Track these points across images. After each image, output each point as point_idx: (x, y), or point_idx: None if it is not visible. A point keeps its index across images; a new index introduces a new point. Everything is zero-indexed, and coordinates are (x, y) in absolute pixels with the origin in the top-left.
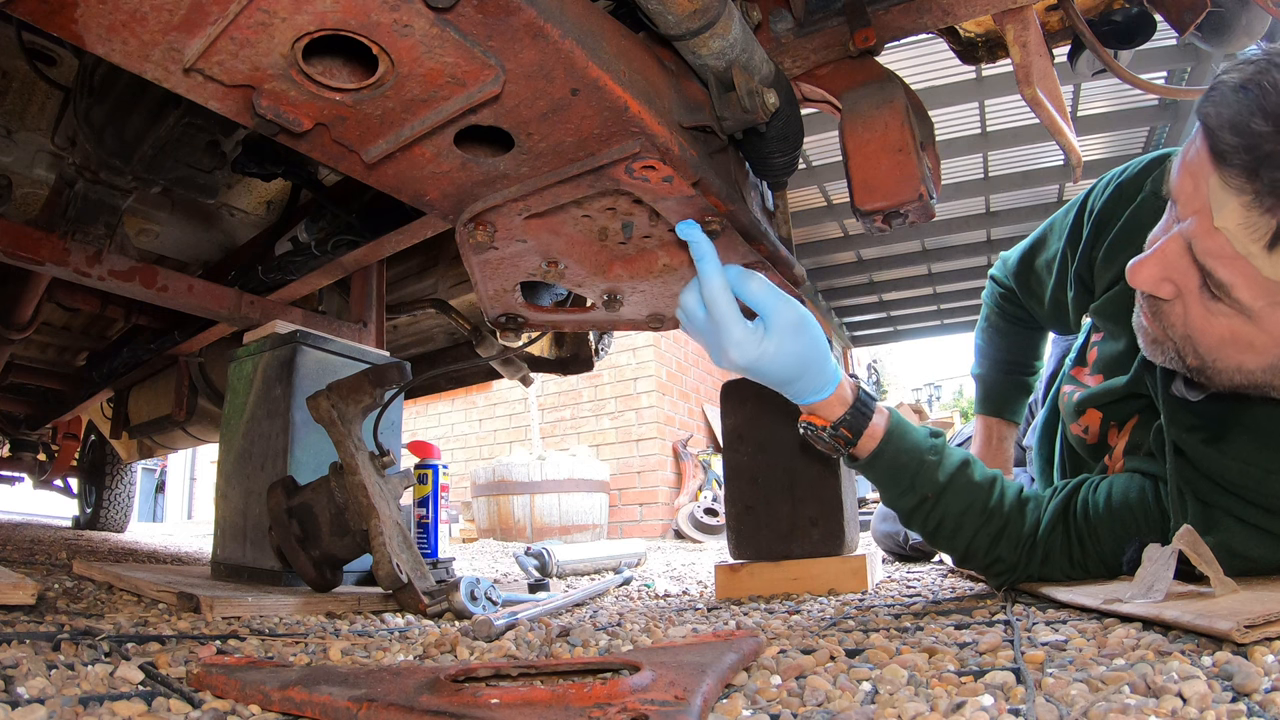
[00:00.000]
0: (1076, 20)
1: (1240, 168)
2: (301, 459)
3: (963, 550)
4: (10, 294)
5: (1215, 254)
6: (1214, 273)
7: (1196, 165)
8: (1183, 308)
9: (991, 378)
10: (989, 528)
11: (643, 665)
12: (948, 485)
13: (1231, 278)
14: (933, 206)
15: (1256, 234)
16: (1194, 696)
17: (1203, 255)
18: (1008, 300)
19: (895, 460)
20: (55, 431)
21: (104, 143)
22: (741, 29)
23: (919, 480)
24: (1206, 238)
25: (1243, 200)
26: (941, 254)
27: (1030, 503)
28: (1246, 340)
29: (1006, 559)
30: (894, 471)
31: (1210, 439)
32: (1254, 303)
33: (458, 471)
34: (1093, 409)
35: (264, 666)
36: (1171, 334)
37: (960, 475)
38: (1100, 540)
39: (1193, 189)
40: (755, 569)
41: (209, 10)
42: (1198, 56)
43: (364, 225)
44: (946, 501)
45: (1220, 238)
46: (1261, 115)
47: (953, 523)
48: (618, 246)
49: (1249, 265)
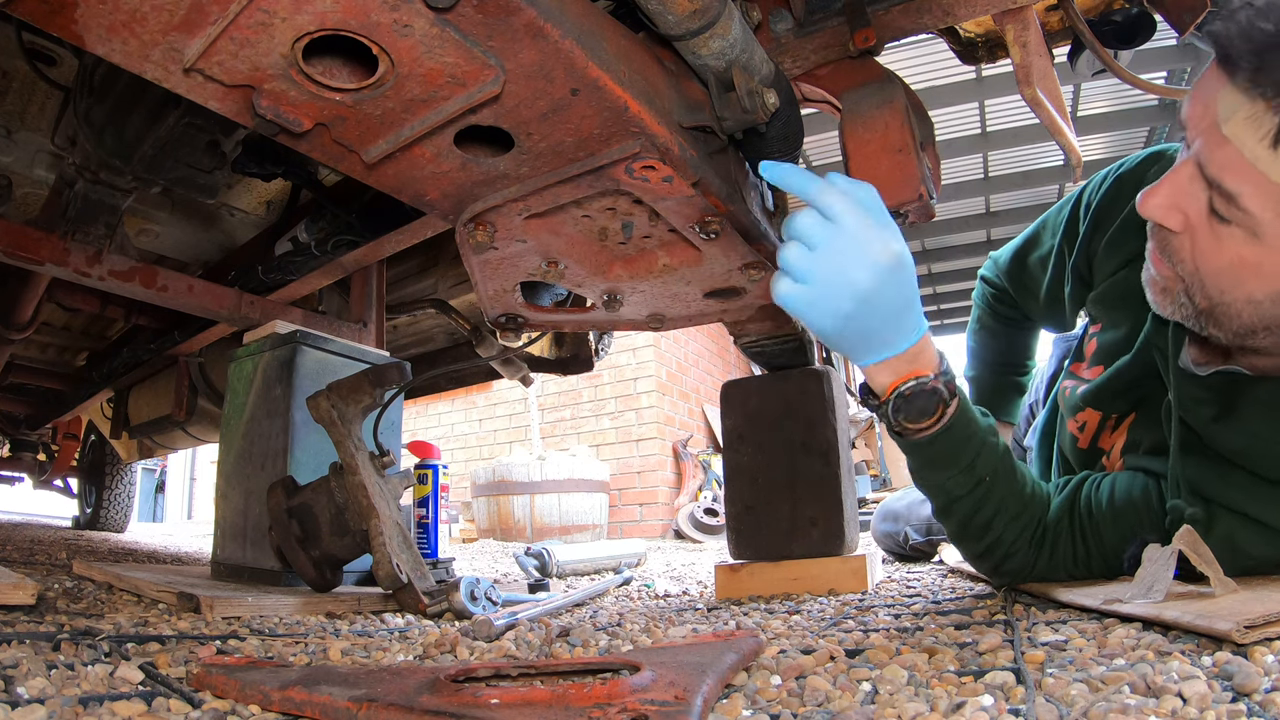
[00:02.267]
0: (1076, 20)
1: (1246, 69)
2: (301, 459)
3: (992, 542)
4: (10, 294)
5: (1225, 164)
6: (1223, 183)
7: (1205, 85)
8: (1190, 240)
9: (985, 378)
10: (1021, 519)
11: (643, 665)
12: (1000, 469)
13: (1239, 185)
14: (933, 206)
15: (1262, 131)
16: (1194, 696)
17: (1213, 169)
18: (999, 300)
19: (965, 432)
20: (55, 431)
21: (104, 143)
22: (741, 29)
23: (980, 460)
24: (1215, 149)
25: (1248, 100)
26: (941, 254)
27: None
28: (1254, 264)
29: (1023, 554)
30: (960, 445)
31: (1219, 415)
32: (1262, 211)
33: (458, 471)
34: (1091, 408)
35: (264, 666)
36: (1181, 270)
37: (1008, 459)
38: (1103, 537)
39: (1201, 110)
40: (755, 569)
41: (209, 10)
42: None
43: (364, 225)
44: (1000, 486)
45: (1229, 147)
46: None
47: (994, 510)
48: (618, 246)
49: (1256, 171)
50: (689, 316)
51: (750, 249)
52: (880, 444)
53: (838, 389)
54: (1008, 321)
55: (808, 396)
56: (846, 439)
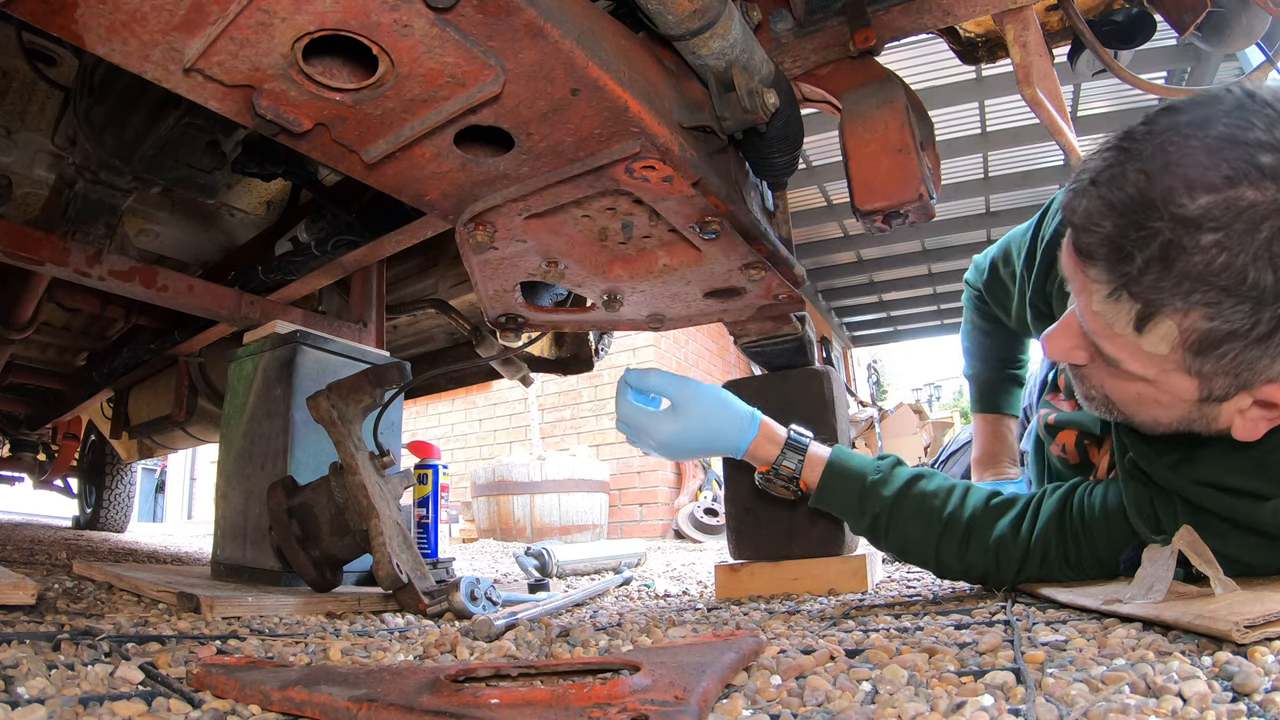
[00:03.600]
0: (1076, 20)
1: (1099, 260)
2: (301, 459)
3: (934, 561)
4: (10, 294)
5: (1099, 333)
6: (1102, 349)
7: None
8: (1098, 370)
9: (983, 375)
10: (951, 535)
11: (643, 665)
12: (896, 500)
13: (1117, 353)
14: (933, 206)
15: (1123, 320)
16: (1194, 696)
17: (1090, 334)
18: (983, 302)
19: (842, 486)
20: (55, 431)
21: (104, 143)
22: (741, 29)
23: (867, 501)
24: (1090, 318)
25: (1107, 290)
26: (941, 254)
27: (1006, 505)
28: (1153, 399)
29: (980, 564)
30: (844, 498)
31: (1178, 462)
32: (1145, 372)
33: (458, 471)
34: (1068, 429)
35: (264, 666)
36: (1095, 394)
37: (909, 489)
38: (1095, 542)
39: (1073, 270)
40: (755, 569)
41: (209, 10)
42: (1198, 56)
43: (364, 225)
44: (899, 516)
45: (1100, 319)
46: (1109, 210)
47: (913, 536)
48: (618, 246)
49: (1129, 342)
50: (689, 316)
51: (750, 249)
52: (880, 445)
53: (838, 389)
54: (996, 321)
55: (808, 396)
56: (847, 439)
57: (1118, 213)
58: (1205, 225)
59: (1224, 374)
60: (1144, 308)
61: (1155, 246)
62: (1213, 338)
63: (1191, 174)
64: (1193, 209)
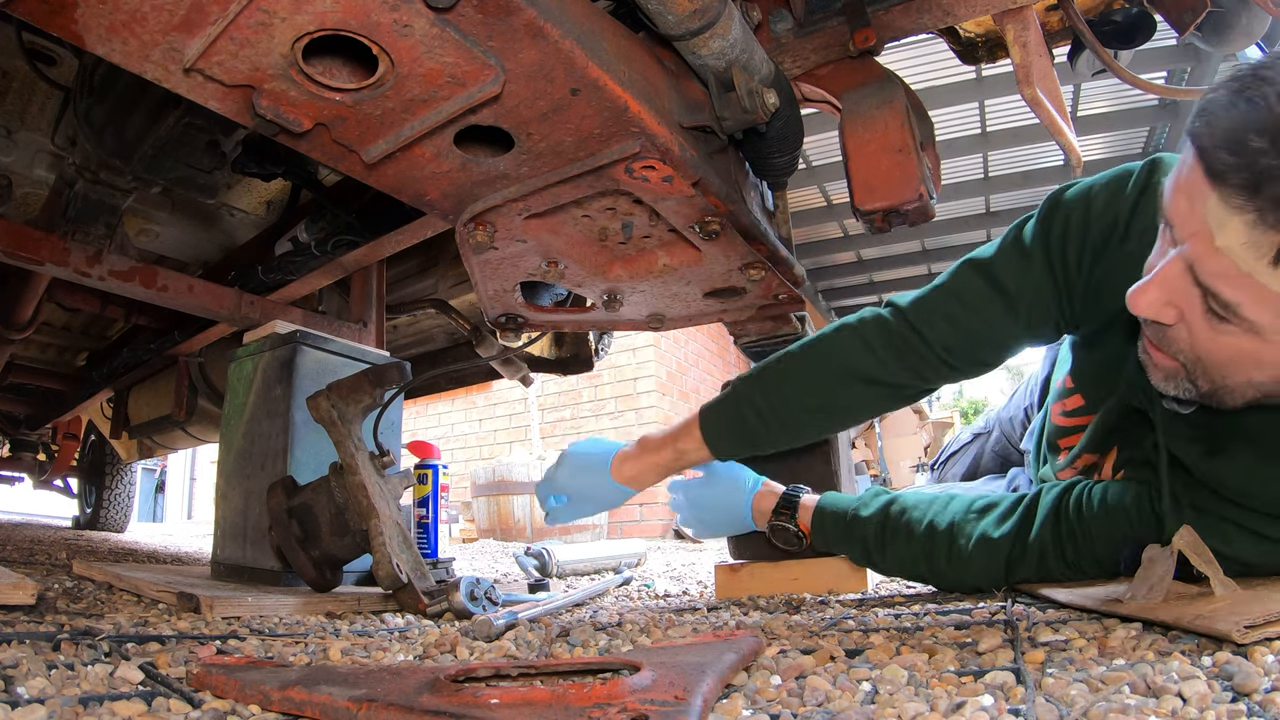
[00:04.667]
0: (1076, 20)
1: (1239, 186)
2: (301, 459)
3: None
4: (10, 294)
5: (1219, 274)
6: (1220, 293)
7: (1191, 185)
8: (1188, 331)
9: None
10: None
11: (643, 665)
12: (878, 521)
13: (1238, 296)
14: (933, 206)
15: (1260, 251)
16: (1194, 696)
17: (1206, 276)
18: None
19: (834, 522)
20: (55, 431)
21: (104, 143)
22: (741, 29)
23: (854, 530)
24: (1209, 259)
25: (1245, 219)
26: (941, 254)
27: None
28: (1255, 357)
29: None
30: (838, 532)
31: (1210, 451)
32: (1262, 319)
33: (458, 471)
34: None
35: (264, 666)
36: (1182, 358)
37: (888, 508)
38: (1093, 540)
39: (1189, 210)
40: (755, 569)
41: (209, 10)
42: (1198, 56)
43: (364, 225)
44: (885, 537)
45: (1223, 258)
46: (1256, 131)
47: (903, 553)
48: (618, 246)
49: (1255, 282)
50: (689, 316)
51: (750, 249)
52: (880, 444)
53: None
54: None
55: None
56: (846, 439)
57: (1269, 133)
58: None
59: None
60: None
61: None
62: None
63: None
64: None
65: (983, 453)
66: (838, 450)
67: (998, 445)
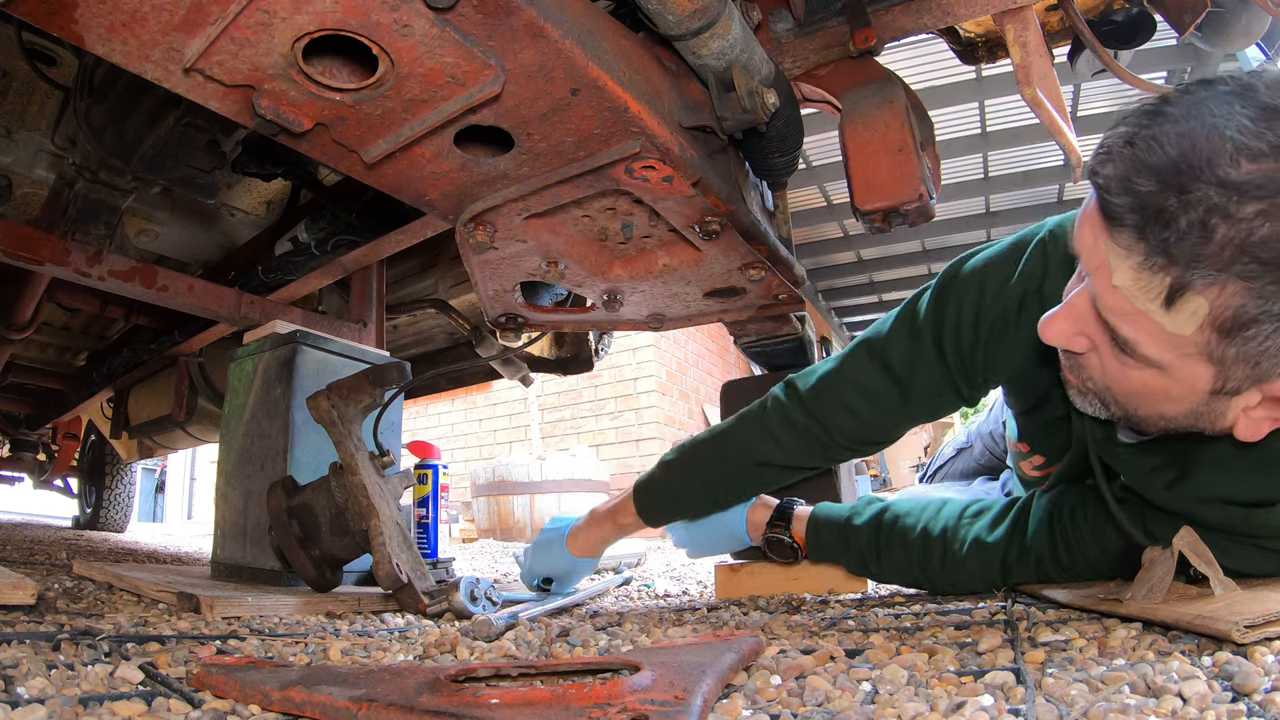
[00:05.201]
0: (1076, 20)
1: (1131, 227)
2: (301, 459)
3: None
4: (10, 294)
5: (1117, 311)
6: (1118, 330)
7: (1094, 221)
8: (1099, 359)
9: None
10: (931, 550)
11: (643, 665)
12: (872, 529)
13: (1135, 334)
14: (932, 206)
15: (1151, 293)
16: (1194, 696)
17: (1106, 312)
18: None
19: (828, 532)
20: (55, 431)
21: (104, 143)
22: (741, 29)
23: (849, 539)
24: (1108, 295)
25: (1134, 261)
26: (941, 254)
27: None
28: (1162, 391)
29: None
30: (832, 543)
31: (1175, 479)
32: (1161, 357)
33: (458, 471)
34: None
35: (264, 666)
36: (1092, 385)
37: (881, 516)
38: (1085, 545)
39: (1092, 244)
40: (755, 569)
41: (209, 10)
42: (1198, 56)
43: (364, 225)
44: (879, 545)
45: (1119, 295)
46: (1147, 172)
47: (898, 560)
48: (618, 246)
49: (1150, 321)
50: (689, 316)
51: (750, 249)
52: None
53: None
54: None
55: None
56: None
57: (1157, 175)
58: (1250, 193)
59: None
60: (1176, 279)
61: (1198, 211)
62: (1243, 317)
63: (1238, 140)
64: (1238, 175)
65: (969, 467)
66: None
67: (982, 458)
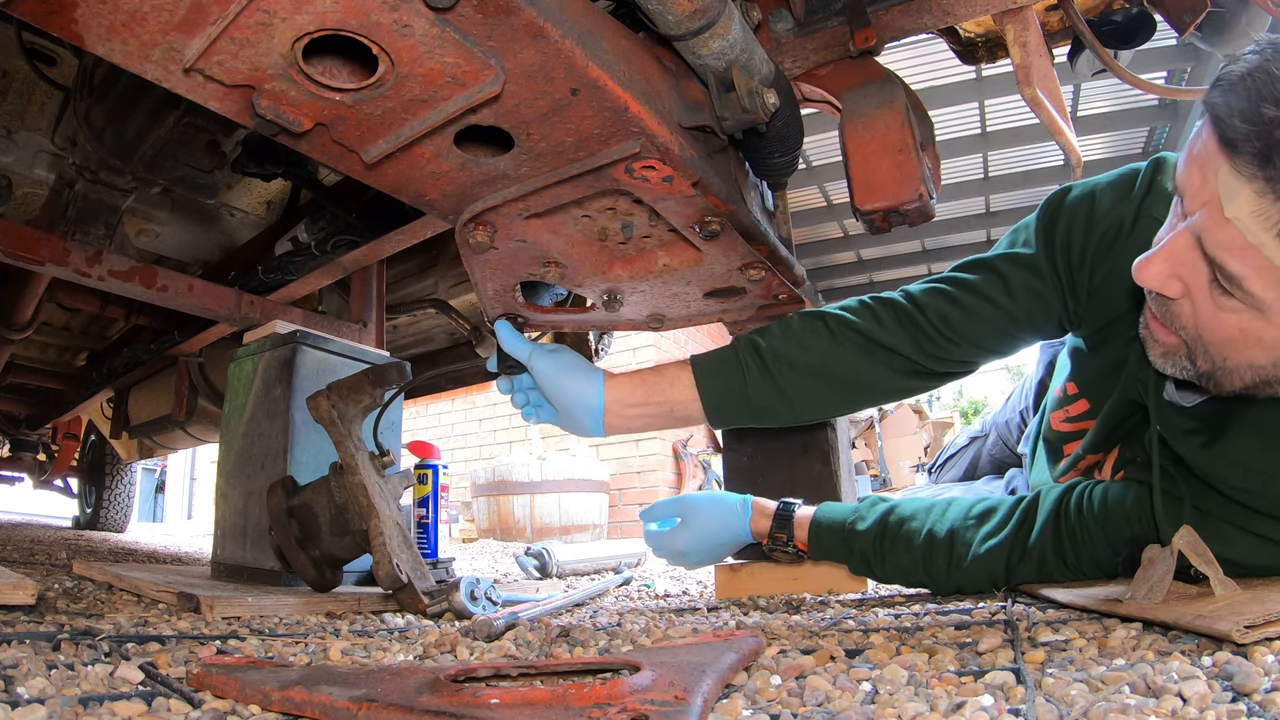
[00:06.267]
0: (1076, 20)
1: (1251, 154)
2: (301, 459)
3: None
4: (10, 294)
5: (1226, 246)
6: (1225, 265)
7: (1204, 157)
8: (1191, 306)
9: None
10: (936, 552)
11: (643, 665)
12: (876, 531)
13: (1244, 269)
14: (932, 206)
15: (1269, 221)
16: (1194, 696)
17: (1213, 248)
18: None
19: (830, 535)
20: (55, 431)
21: (104, 143)
22: (741, 29)
23: (852, 542)
24: (1217, 229)
25: (1254, 187)
26: (941, 254)
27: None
28: (1256, 336)
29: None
30: (834, 546)
31: (1209, 442)
32: (1266, 294)
33: (458, 471)
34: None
35: (264, 666)
36: (1183, 334)
37: (886, 518)
38: (1093, 540)
39: (1200, 181)
40: (755, 569)
41: (209, 10)
42: (1198, 56)
43: (364, 225)
44: (884, 547)
45: (1231, 229)
46: (1271, 101)
47: (902, 562)
48: (618, 246)
49: (1261, 255)
50: (689, 316)
51: (750, 249)
52: (880, 444)
53: None
54: None
55: None
56: (846, 439)
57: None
58: None
59: None
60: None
61: None
62: None
63: None
64: None
65: (979, 456)
66: (837, 451)
67: (994, 448)
